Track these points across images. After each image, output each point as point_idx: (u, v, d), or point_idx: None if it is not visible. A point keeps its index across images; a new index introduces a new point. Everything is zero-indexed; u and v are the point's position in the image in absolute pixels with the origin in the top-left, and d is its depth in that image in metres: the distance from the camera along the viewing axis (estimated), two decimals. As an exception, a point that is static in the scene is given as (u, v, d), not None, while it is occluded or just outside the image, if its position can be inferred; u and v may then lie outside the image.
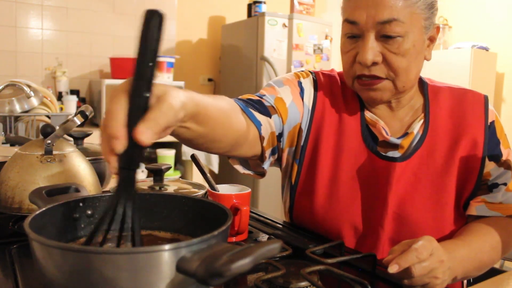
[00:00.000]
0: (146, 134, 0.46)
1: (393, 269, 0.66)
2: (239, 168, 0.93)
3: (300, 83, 0.95)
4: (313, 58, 3.23)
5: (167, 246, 0.43)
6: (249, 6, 3.33)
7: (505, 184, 0.89)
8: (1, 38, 2.87)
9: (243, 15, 3.43)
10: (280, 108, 0.89)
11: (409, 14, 0.81)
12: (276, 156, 0.96)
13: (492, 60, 3.46)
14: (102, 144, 0.48)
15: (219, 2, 3.65)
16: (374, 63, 0.84)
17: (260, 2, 3.27)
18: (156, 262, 0.43)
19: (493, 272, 0.93)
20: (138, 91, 0.47)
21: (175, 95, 0.51)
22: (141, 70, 0.47)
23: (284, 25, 3.10)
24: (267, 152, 0.90)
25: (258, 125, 0.84)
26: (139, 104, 0.47)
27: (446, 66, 3.34)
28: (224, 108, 0.73)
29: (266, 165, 0.93)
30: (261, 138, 0.85)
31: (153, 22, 0.47)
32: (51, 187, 0.65)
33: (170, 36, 3.45)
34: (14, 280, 0.65)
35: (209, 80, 3.68)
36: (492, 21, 3.58)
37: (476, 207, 0.89)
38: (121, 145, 0.47)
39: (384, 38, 0.82)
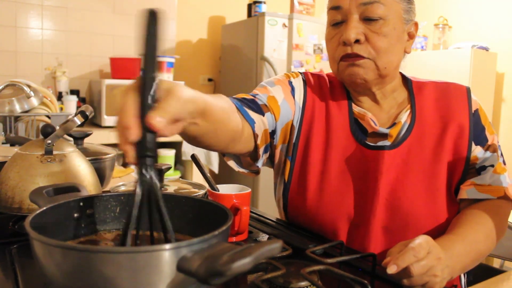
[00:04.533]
0: (156, 119, 0.50)
1: (391, 269, 0.66)
2: (233, 165, 0.95)
3: (290, 83, 1.00)
4: (313, 58, 3.23)
5: (167, 246, 0.43)
6: (249, 6, 3.33)
7: (492, 166, 0.91)
8: (1, 38, 2.86)
9: (243, 15, 3.43)
10: (273, 106, 0.93)
11: None
12: (268, 154, 0.99)
13: (492, 60, 3.46)
14: (118, 138, 0.51)
15: (219, 2, 3.65)
16: (357, 41, 0.88)
17: (260, 2, 3.27)
18: (156, 262, 0.43)
19: (493, 272, 0.93)
20: (145, 83, 0.50)
21: (182, 89, 0.56)
22: (147, 67, 0.50)
23: (284, 25, 3.10)
24: (261, 150, 0.93)
25: (251, 123, 0.87)
26: (147, 96, 0.50)
27: (446, 66, 3.34)
28: (224, 107, 0.76)
29: (259, 163, 0.96)
30: (255, 136, 0.89)
31: (154, 21, 0.50)
32: (51, 186, 0.64)
33: (170, 36, 3.44)
34: (15, 280, 0.65)
35: (209, 80, 3.68)
36: (492, 21, 3.58)
37: (466, 191, 0.91)
38: (134, 133, 0.49)
39: (367, 20, 0.88)
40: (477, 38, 3.60)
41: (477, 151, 0.92)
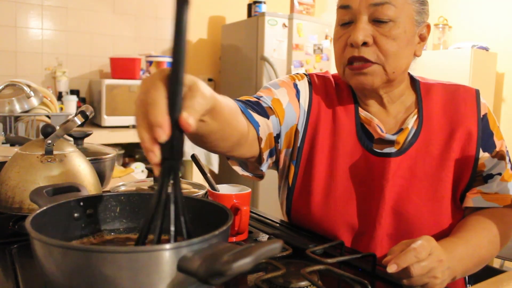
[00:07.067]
0: (190, 120, 0.46)
1: (392, 268, 0.66)
2: (238, 169, 0.94)
3: (296, 85, 0.97)
4: (313, 58, 3.23)
5: (168, 246, 0.43)
6: (249, 6, 3.33)
7: (499, 174, 0.90)
8: (1, 38, 2.86)
9: (243, 15, 3.43)
10: (277, 109, 0.91)
11: (401, 0, 0.85)
12: (274, 158, 0.97)
13: (492, 60, 3.46)
14: (143, 134, 0.46)
15: (219, 2, 3.65)
16: (365, 44, 0.85)
17: (260, 2, 3.27)
18: (157, 262, 0.43)
19: (493, 272, 0.93)
20: (177, 78, 0.46)
21: (203, 85, 0.52)
22: (178, 59, 0.46)
23: (284, 25, 3.10)
24: (265, 154, 0.91)
25: (256, 126, 0.85)
26: (179, 92, 0.46)
27: (446, 66, 3.34)
28: (231, 107, 0.73)
29: (264, 168, 0.94)
30: (259, 139, 0.87)
31: (184, 11, 0.47)
32: (51, 186, 0.65)
33: (170, 36, 3.44)
34: (15, 280, 0.65)
35: (209, 80, 3.68)
36: (492, 21, 3.58)
37: (472, 199, 0.89)
38: (165, 133, 0.45)
39: (376, 22, 0.85)
40: (477, 38, 3.60)
41: (485, 158, 0.89)
